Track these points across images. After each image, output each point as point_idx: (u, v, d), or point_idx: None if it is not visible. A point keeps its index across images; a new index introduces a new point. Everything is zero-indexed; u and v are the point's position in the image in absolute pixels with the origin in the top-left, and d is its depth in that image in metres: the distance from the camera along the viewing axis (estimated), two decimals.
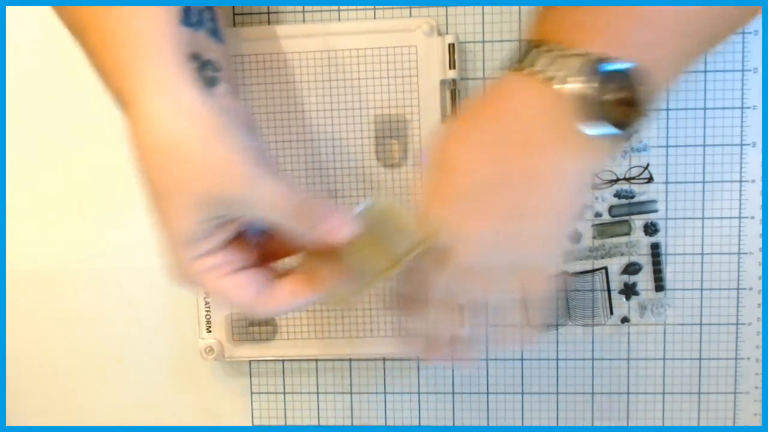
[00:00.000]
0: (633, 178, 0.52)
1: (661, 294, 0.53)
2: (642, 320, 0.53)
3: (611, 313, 0.53)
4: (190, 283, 0.39)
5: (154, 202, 0.37)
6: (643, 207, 0.52)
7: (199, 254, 0.38)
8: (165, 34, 0.38)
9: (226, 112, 0.38)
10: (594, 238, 0.52)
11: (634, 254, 0.52)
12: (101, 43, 0.38)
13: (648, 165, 0.52)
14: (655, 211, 0.52)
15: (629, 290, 0.53)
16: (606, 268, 0.53)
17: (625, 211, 0.52)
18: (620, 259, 0.53)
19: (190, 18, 0.39)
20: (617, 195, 0.52)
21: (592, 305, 0.53)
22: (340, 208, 0.39)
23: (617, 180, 0.52)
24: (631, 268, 0.53)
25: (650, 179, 0.52)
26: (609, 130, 0.36)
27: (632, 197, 0.52)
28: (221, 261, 0.39)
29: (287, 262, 0.42)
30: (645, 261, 0.53)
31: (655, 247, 0.52)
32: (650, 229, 0.52)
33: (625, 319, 0.53)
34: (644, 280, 0.53)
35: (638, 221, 0.52)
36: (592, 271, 0.53)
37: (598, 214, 0.52)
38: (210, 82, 0.39)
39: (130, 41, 0.37)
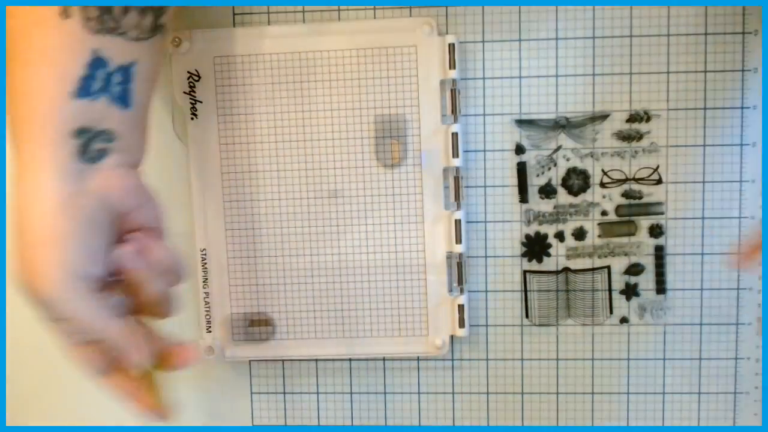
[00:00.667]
0: (642, 179, 0.52)
1: (661, 296, 0.53)
2: (641, 321, 0.53)
3: (611, 312, 0.53)
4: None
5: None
6: (650, 208, 0.52)
7: (47, 318, 0.41)
8: (51, 110, 0.38)
9: (79, 210, 0.39)
10: (599, 236, 0.52)
11: (637, 255, 0.52)
12: (9, 101, 0.40)
13: (658, 167, 0.52)
14: (662, 213, 0.52)
15: (630, 291, 0.53)
16: (609, 267, 0.53)
17: (632, 211, 0.52)
18: (623, 259, 0.53)
19: (87, 88, 0.39)
20: (625, 195, 0.52)
21: (593, 304, 0.53)
22: (140, 343, 0.42)
23: (626, 180, 0.52)
24: (634, 269, 0.53)
25: (659, 181, 0.52)
26: None
27: (640, 198, 0.52)
28: (67, 331, 0.41)
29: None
30: (648, 262, 0.53)
31: (659, 249, 0.52)
32: (656, 230, 0.52)
33: (624, 320, 0.53)
34: (646, 281, 0.53)
35: (644, 222, 0.52)
36: (595, 269, 0.53)
37: (604, 213, 0.52)
38: (97, 157, 0.40)
39: (21, 110, 0.39)
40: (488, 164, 0.53)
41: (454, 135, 0.51)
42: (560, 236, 0.53)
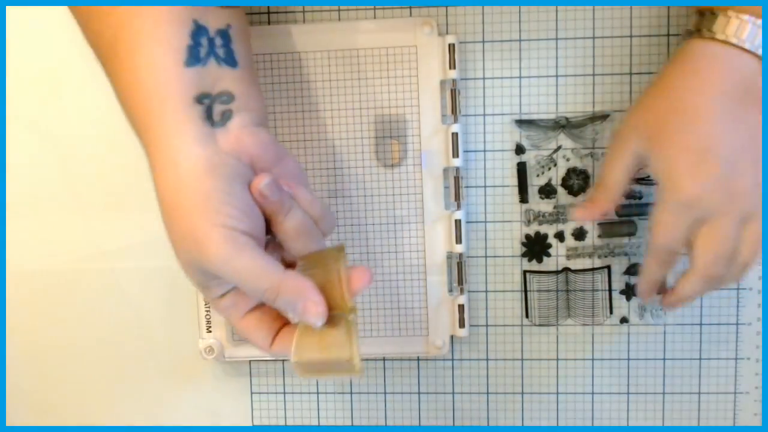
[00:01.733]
0: (643, 179, 0.51)
1: (661, 297, 0.53)
2: (641, 321, 0.53)
3: (611, 312, 0.53)
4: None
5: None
6: (650, 208, 0.52)
7: (213, 297, 0.41)
8: (168, 81, 0.39)
9: (223, 168, 0.39)
10: (599, 236, 0.52)
11: (637, 255, 0.52)
12: (122, 92, 0.41)
13: None
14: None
15: (630, 291, 0.53)
16: (609, 267, 0.53)
17: (632, 211, 0.52)
18: (623, 259, 0.53)
19: (196, 55, 0.40)
20: (625, 195, 0.52)
21: (593, 304, 0.53)
22: (312, 289, 0.40)
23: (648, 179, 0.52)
24: (634, 269, 0.53)
25: None
26: None
27: (640, 198, 0.52)
28: (230, 304, 0.42)
29: None
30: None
31: None
32: None
33: (624, 320, 0.53)
34: None
35: (644, 222, 0.52)
36: (595, 269, 0.53)
37: (604, 213, 0.52)
38: (222, 119, 0.41)
39: (139, 94, 0.39)
40: (488, 164, 0.53)
41: (454, 135, 0.51)
42: (560, 236, 0.53)
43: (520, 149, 0.52)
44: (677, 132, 0.43)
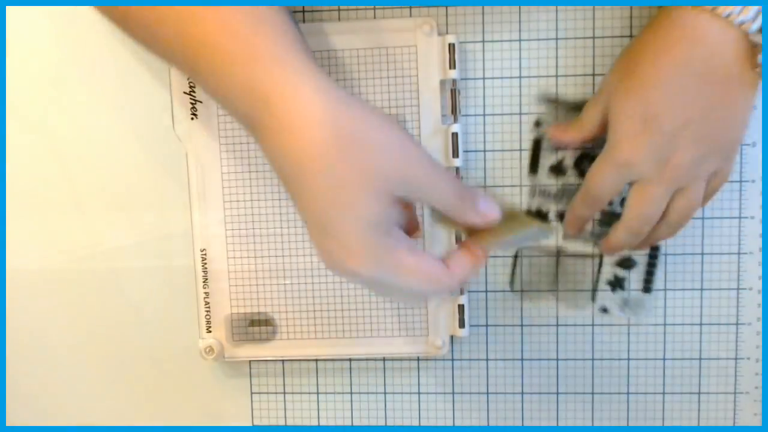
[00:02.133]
0: None
1: (646, 296, 0.53)
2: (621, 315, 0.53)
3: (593, 300, 0.53)
4: (381, 267, 0.38)
5: (330, 197, 0.37)
6: None
7: (387, 235, 0.38)
8: (293, 32, 0.39)
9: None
10: (598, 223, 0.52)
11: (632, 250, 0.52)
12: (230, 60, 0.37)
13: None
14: None
15: (617, 283, 0.53)
16: (601, 256, 0.52)
17: None
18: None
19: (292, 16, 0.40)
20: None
21: (576, 288, 0.53)
22: (483, 193, 0.41)
23: None
24: (626, 263, 0.53)
25: None
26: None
27: None
28: (403, 240, 0.39)
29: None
30: (642, 259, 0.53)
31: (654, 249, 0.52)
32: None
33: (604, 309, 0.53)
34: (636, 279, 0.53)
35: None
36: (587, 256, 0.52)
37: (610, 202, 0.52)
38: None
39: (267, 49, 0.37)
40: (488, 164, 0.53)
41: (454, 135, 0.51)
42: (562, 216, 0.52)
43: (538, 123, 0.52)
44: (628, 95, 0.44)
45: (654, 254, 0.52)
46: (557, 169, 0.52)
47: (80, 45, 0.53)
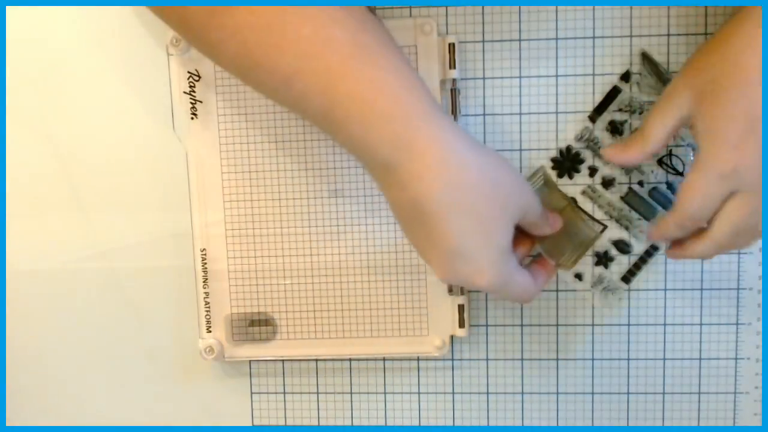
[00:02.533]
0: (681, 174, 0.51)
1: (622, 285, 0.53)
2: (590, 289, 0.53)
3: (575, 262, 0.52)
4: (505, 285, 0.43)
5: (471, 229, 0.41)
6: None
7: (510, 255, 0.43)
8: (426, 88, 0.42)
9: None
10: (621, 197, 0.52)
11: (636, 237, 0.52)
12: (372, 108, 0.39)
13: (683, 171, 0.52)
14: None
15: (604, 259, 0.53)
16: (605, 228, 0.51)
17: (660, 199, 0.52)
18: (622, 232, 0.52)
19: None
20: (666, 183, 0.52)
21: (565, 243, 0.51)
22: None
23: (677, 173, 0.51)
24: (622, 245, 0.52)
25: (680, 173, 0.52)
26: None
27: (675, 193, 0.52)
28: (515, 259, 0.44)
29: None
30: (638, 250, 0.52)
31: (653, 248, 0.52)
32: None
33: (578, 276, 0.53)
34: (623, 263, 0.53)
35: (662, 215, 0.52)
36: (595, 219, 0.51)
37: (640, 183, 0.51)
38: None
39: (415, 107, 0.40)
40: None
41: None
42: (592, 171, 0.52)
43: (626, 76, 0.51)
44: (728, 95, 0.40)
45: (650, 252, 0.52)
46: (615, 126, 0.51)
47: (80, 45, 0.53)
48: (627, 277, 0.53)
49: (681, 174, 0.51)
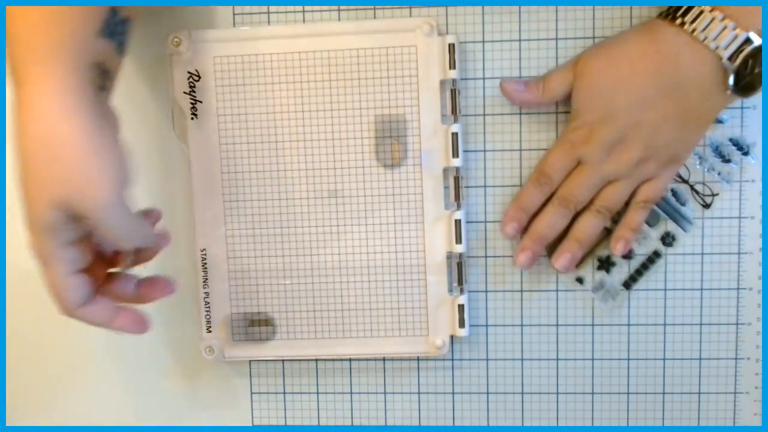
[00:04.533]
0: (697, 193, 0.52)
1: (622, 290, 0.53)
2: (590, 293, 0.53)
3: (577, 266, 0.52)
4: (39, 262, 0.43)
5: (22, 180, 0.41)
6: (680, 219, 0.52)
7: (50, 242, 0.42)
8: (82, 41, 0.41)
9: (104, 119, 0.42)
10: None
11: (639, 242, 0.52)
12: (22, 35, 0.41)
13: (717, 194, 0.52)
14: (685, 230, 0.52)
15: (606, 264, 0.53)
16: (607, 230, 0.51)
17: (665, 207, 0.52)
18: None
19: (109, 29, 0.43)
20: (673, 192, 0.52)
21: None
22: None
23: (686, 182, 0.51)
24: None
25: (708, 206, 0.52)
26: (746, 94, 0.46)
27: (683, 205, 0.52)
28: (65, 256, 0.42)
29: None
30: (640, 258, 0.53)
31: (656, 254, 0.52)
32: (667, 239, 0.52)
33: (579, 280, 0.53)
34: (624, 269, 0.53)
35: (671, 224, 0.52)
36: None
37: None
38: (102, 89, 0.44)
39: (50, 43, 0.41)
40: (488, 164, 0.53)
41: (454, 135, 0.51)
42: None
43: None
44: (597, 89, 0.48)
45: (652, 259, 0.52)
46: None
47: None
48: (628, 283, 0.53)
49: (686, 182, 0.52)
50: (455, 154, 0.51)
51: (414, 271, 0.53)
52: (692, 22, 0.45)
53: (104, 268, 0.46)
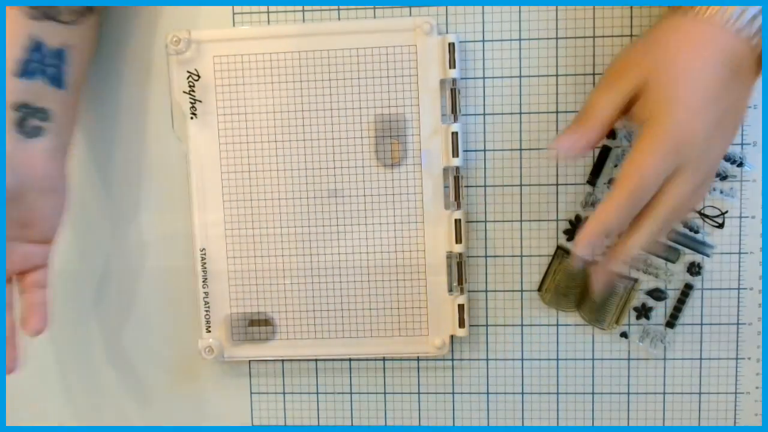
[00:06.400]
0: (707, 216, 0.51)
1: (669, 330, 0.53)
2: (640, 344, 0.53)
3: (617, 323, 0.53)
4: None
5: None
6: (699, 246, 0.52)
7: None
8: None
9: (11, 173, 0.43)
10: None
11: (666, 281, 0.52)
12: None
13: (726, 212, 0.52)
14: (708, 255, 0.52)
15: (644, 311, 0.53)
16: (636, 281, 0.52)
17: (685, 241, 0.52)
18: (652, 280, 0.52)
19: (27, 68, 0.43)
20: (683, 223, 0.52)
21: (604, 308, 0.53)
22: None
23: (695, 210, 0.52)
24: (657, 294, 0.52)
25: (721, 225, 0.52)
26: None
27: (696, 232, 0.52)
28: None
29: None
30: (673, 294, 0.53)
31: (688, 287, 0.52)
32: (694, 269, 0.52)
33: (624, 335, 0.53)
34: (661, 312, 0.53)
35: (691, 256, 0.52)
36: (623, 276, 0.52)
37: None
38: (33, 133, 0.45)
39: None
40: (488, 164, 0.53)
41: (454, 135, 0.51)
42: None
43: (613, 134, 0.51)
44: (687, 64, 0.40)
45: (686, 293, 0.52)
46: None
47: None
48: (671, 322, 0.53)
49: (698, 212, 0.51)
50: (455, 154, 0.51)
51: (414, 270, 0.53)
52: (705, 11, 0.41)
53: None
